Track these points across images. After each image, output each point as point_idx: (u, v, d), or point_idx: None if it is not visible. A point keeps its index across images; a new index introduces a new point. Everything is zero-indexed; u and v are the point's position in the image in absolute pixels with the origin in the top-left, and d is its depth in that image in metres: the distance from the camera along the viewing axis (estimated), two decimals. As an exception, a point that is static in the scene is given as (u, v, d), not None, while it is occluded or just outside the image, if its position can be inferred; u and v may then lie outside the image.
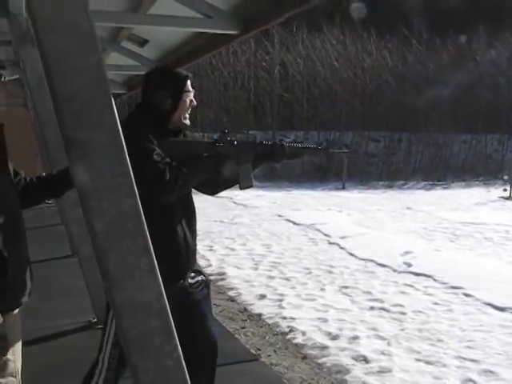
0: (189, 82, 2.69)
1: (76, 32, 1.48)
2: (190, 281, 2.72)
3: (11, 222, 2.18)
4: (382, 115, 28.45)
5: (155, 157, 2.42)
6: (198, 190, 2.79)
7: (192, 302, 2.76)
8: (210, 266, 8.10)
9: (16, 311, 2.18)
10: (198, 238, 9.03)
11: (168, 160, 2.45)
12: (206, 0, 4.44)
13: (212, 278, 7.39)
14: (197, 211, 2.80)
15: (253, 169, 2.70)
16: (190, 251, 2.72)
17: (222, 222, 12.57)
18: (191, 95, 2.69)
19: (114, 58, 7.49)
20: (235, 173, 2.65)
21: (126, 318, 1.61)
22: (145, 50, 6.71)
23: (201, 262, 8.29)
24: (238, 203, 15.86)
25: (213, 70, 28.00)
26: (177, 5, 4.51)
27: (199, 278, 2.79)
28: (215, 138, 2.68)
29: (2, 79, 7.30)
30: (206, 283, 2.86)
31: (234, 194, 16.20)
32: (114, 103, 1.54)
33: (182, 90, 2.64)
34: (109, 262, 1.57)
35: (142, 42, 6.52)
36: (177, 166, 2.44)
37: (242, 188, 2.69)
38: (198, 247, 8.68)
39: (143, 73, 7.58)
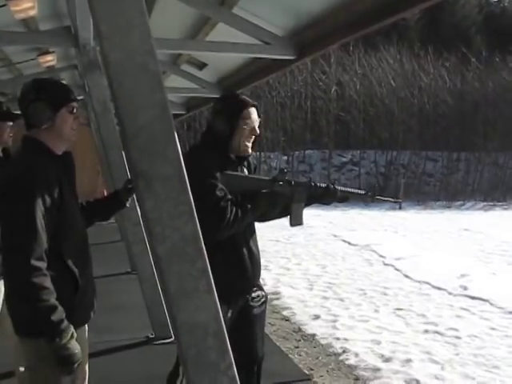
0: (250, 110, 2.72)
1: (144, 73, 1.62)
2: (252, 294, 2.82)
3: (82, 243, 2.34)
4: (439, 134, 28.09)
5: (218, 193, 2.52)
6: None
7: (250, 317, 2.85)
8: (265, 285, 8.16)
9: (84, 327, 2.32)
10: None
11: (229, 196, 2.55)
12: (263, 26, 4.56)
13: (266, 297, 7.48)
14: None
15: (304, 207, 2.83)
16: (256, 265, 2.81)
17: (277, 241, 12.65)
18: (252, 123, 2.71)
19: (174, 80, 7.73)
20: (287, 209, 2.78)
21: (185, 336, 1.72)
22: (203, 73, 6.89)
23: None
24: (294, 223, 15.89)
25: (270, 89, 28.33)
26: (234, 31, 4.65)
27: (259, 293, 2.88)
28: (274, 175, 2.80)
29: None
30: (265, 299, 2.94)
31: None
32: (176, 136, 1.67)
33: (239, 117, 2.69)
34: (170, 283, 1.69)
35: (201, 66, 6.71)
36: (237, 203, 2.55)
37: (292, 225, 2.83)
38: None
39: (202, 95, 7.79)
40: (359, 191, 3.06)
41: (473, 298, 7.45)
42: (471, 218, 19.14)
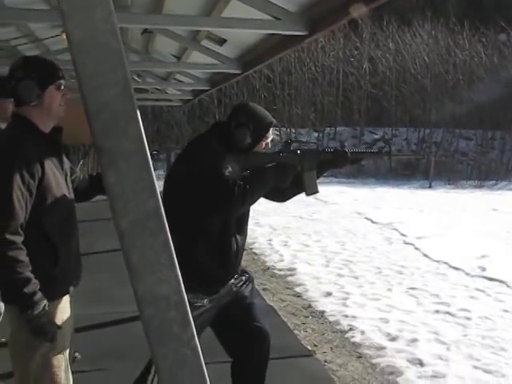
0: (271, 129, 2.85)
1: (106, 51, 1.65)
2: (233, 281, 2.97)
3: (67, 217, 2.41)
4: (474, 112, 27.49)
5: (227, 173, 2.61)
6: (267, 198, 2.97)
7: (240, 296, 2.99)
8: (282, 261, 8.22)
9: (65, 298, 2.40)
10: (275, 232, 9.31)
11: (236, 175, 2.64)
12: (275, 2, 4.56)
13: (282, 273, 7.52)
14: (277, 206, 3.00)
15: (317, 175, 2.86)
16: (239, 258, 2.95)
17: (300, 217, 12.65)
18: (269, 139, 2.86)
19: (195, 56, 7.76)
20: (300, 180, 2.82)
21: (147, 308, 1.76)
22: (224, 49, 6.91)
23: (273, 257, 8.44)
24: (319, 199, 15.82)
25: (301, 65, 28.09)
26: (247, 7, 4.66)
27: (243, 278, 3.01)
28: (279, 148, 2.86)
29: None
30: (250, 280, 3.07)
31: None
32: (138, 114, 1.70)
33: (263, 135, 2.81)
34: (132, 257, 1.73)
35: (221, 42, 6.72)
36: (244, 179, 2.60)
37: (307, 194, 2.89)
38: (273, 242, 8.90)
39: (223, 70, 7.83)
40: (372, 150, 3.08)
41: (490, 279, 7.37)
42: (502, 199, 18.79)
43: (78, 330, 3.14)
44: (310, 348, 4.72)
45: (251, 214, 3.02)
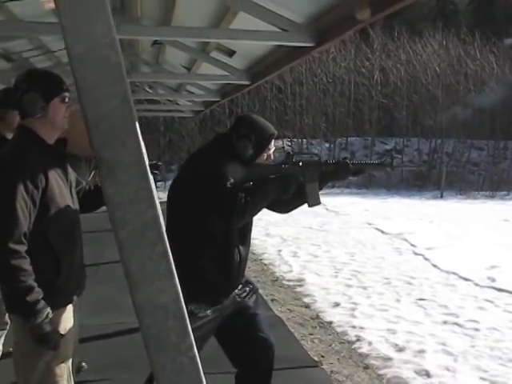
0: (273, 140, 2.89)
1: (105, 65, 1.69)
2: (237, 292, 2.99)
3: (71, 227, 2.44)
4: (485, 122, 27.39)
5: (229, 185, 2.64)
6: (269, 209, 3.00)
7: (244, 307, 3.00)
8: (291, 271, 8.21)
9: (68, 308, 2.42)
10: (284, 243, 9.29)
11: (239, 186, 2.67)
12: (282, 14, 4.60)
13: (291, 283, 7.52)
14: (287, 217, 3.02)
15: (319, 187, 2.88)
16: (242, 269, 2.97)
17: (310, 228, 12.63)
18: (271, 151, 2.89)
19: (205, 67, 7.83)
20: (302, 192, 2.84)
21: (146, 317, 1.79)
22: (233, 60, 6.96)
23: (283, 268, 8.44)
24: (330, 210, 15.83)
25: (312, 76, 28.15)
26: (255, 19, 4.71)
27: (247, 288, 3.03)
28: (281, 160, 2.89)
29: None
30: (254, 290, 3.09)
31: (326, 200, 16.24)
32: (137, 126, 1.74)
33: (265, 147, 2.85)
34: (131, 266, 1.77)
35: (230, 53, 6.77)
36: (246, 190, 2.63)
37: (310, 206, 2.92)
38: (282, 252, 8.91)
39: (233, 82, 7.87)
40: (374, 161, 3.09)
41: (499, 290, 7.32)
42: (514, 209, 18.67)
43: (85, 340, 3.18)
44: (316, 359, 4.72)
45: (262, 224, 3.06)
